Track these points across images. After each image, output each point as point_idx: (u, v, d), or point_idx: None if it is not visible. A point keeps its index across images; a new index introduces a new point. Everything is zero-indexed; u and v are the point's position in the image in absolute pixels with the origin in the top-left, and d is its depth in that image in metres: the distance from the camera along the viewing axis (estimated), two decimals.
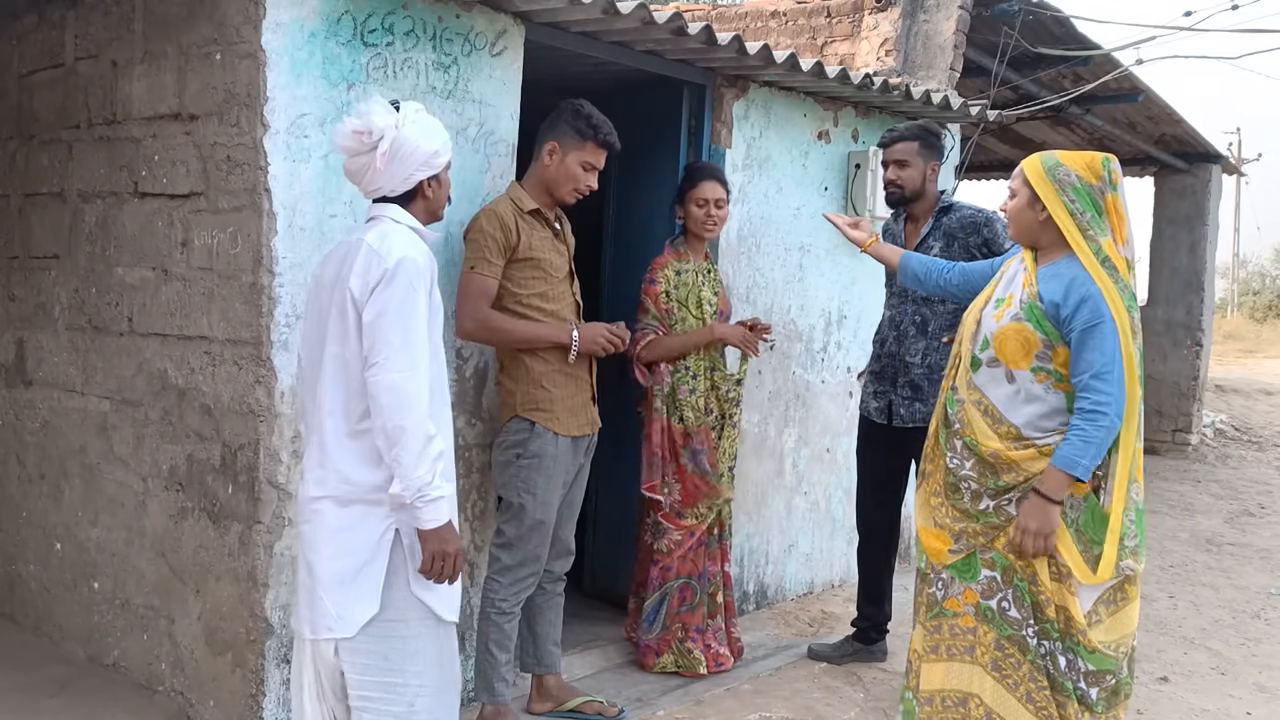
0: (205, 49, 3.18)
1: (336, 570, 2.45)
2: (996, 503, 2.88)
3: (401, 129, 2.47)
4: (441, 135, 2.57)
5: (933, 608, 3.00)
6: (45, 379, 3.97)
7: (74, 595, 3.87)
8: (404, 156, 2.49)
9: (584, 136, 3.38)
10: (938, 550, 2.98)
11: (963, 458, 2.93)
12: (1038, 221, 2.87)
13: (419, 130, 2.50)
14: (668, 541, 4.02)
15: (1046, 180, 2.84)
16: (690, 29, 3.86)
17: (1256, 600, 5.72)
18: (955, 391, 2.99)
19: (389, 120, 2.46)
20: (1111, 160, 2.86)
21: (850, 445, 5.36)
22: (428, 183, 2.57)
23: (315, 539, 2.49)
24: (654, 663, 4.09)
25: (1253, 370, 17.71)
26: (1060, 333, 2.79)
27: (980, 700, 2.88)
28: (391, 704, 2.48)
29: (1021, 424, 2.85)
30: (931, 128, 4.22)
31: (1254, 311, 30.85)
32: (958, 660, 2.93)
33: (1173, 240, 10.81)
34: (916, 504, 3.13)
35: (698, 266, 4.07)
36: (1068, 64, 7.46)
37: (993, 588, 2.89)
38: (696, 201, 4.00)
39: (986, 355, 2.90)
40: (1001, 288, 2.99)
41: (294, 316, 3.11)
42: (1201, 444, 10.89)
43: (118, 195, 3.58)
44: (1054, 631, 2.83)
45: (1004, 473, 2.85)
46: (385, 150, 2.46)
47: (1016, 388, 2.86)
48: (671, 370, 3.97)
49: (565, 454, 3.45)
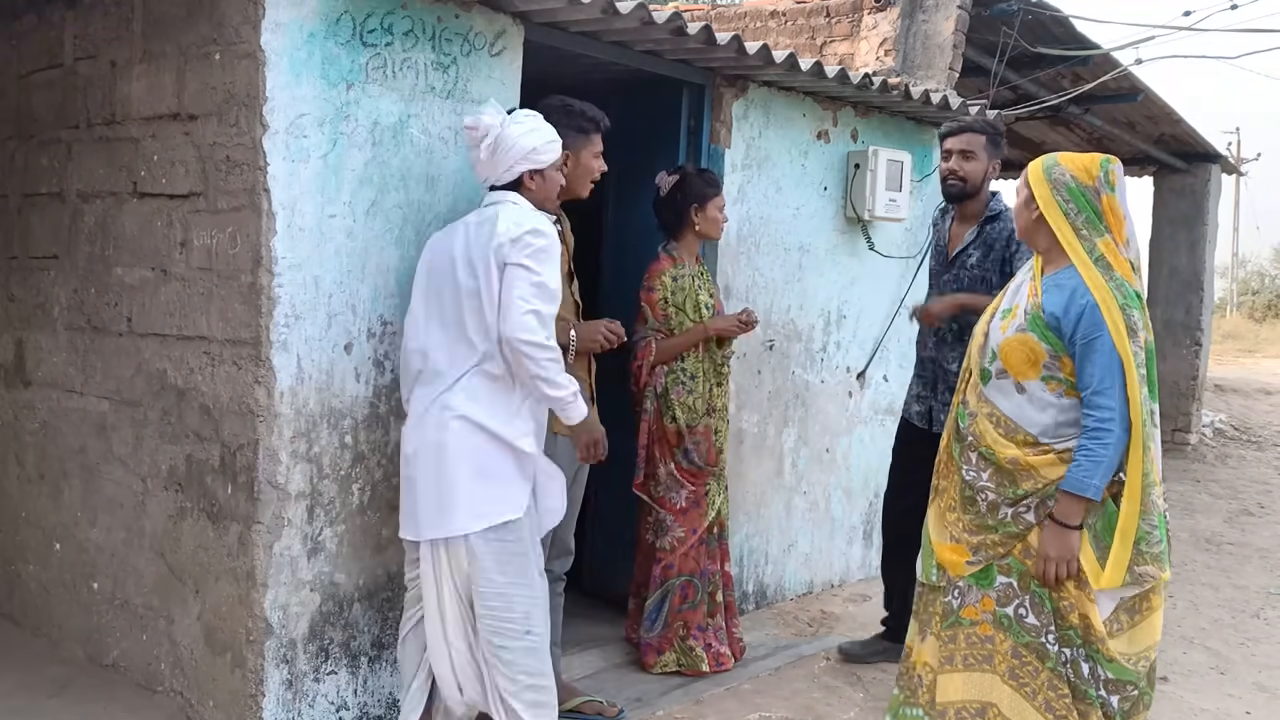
0: (204, 49, 3.18)
1: (474, 471, 2.98)
2: (1014, 510, 2.86)
3: (505, 128, 3.06)
4: (544, 138, 3.11)
5: (948, 617, 2.97)
6: (44, 379, 3.97)
7: (73, 595, 3.86)
8: (505, 150, 3.06)
9: (588, 131, 3.40)
10: (955, 563, 2.95)
11: (979, 469, 2.92)
12: (1032, 220, 2.90)
13: (521, 130, 3.08)
14: (670, 539, 4.03)
15: (1043, 180, 2.87)
16: (689, 29, 3.86)
17: (1256, 600, 5.73)
18: (966, 405, 2.99)
19: (495, 119, 3.06)
20: (1111, 162, 2.87)
21: (850, 445, 5.38)
22: (530, 175, 3.12)
23: (457, 447, 2.98)
24: (655, 661, 4.09)
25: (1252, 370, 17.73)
26: (1064, 343, 2.79)
27: (998, 710, 2.85)
28: (509, 612, 2.99)
29: (1038, 431, 2.84)
30: (998, 125, 4.07)
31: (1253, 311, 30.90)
32: (976, 670, 2.90)
33: (1172, 240, 10.81)
34: (930, 520, 3.09)
35: (693, 270, 4.09)
36: (1067, 64, 7.46)
37: (1009, 594, 2.87)
38: (719, 207, 4.09)
39: (995, 367, 2.90)
40: (1008, 298, 2.99)
41: (293, 316, 3.11)
42: (1201, 444, 10.90)
43: (117, 195, 3.58)
44: (1076, 638, 2.81)
45: (1022, 480, 2.84)
46: (490, 143, 3.06)
47: (1028, 397, 2.86)
48: (666, 371, 3.98)
49: (565, 454, 3.45)
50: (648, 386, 3.99)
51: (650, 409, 4.01)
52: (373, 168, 3.26)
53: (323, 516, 3.25)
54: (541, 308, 2.95)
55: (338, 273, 3.19)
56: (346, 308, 3.22)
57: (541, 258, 2.97)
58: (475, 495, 2.97)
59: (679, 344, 3.99)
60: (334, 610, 3.30)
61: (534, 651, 3.02)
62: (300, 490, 3.19)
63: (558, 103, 3.39)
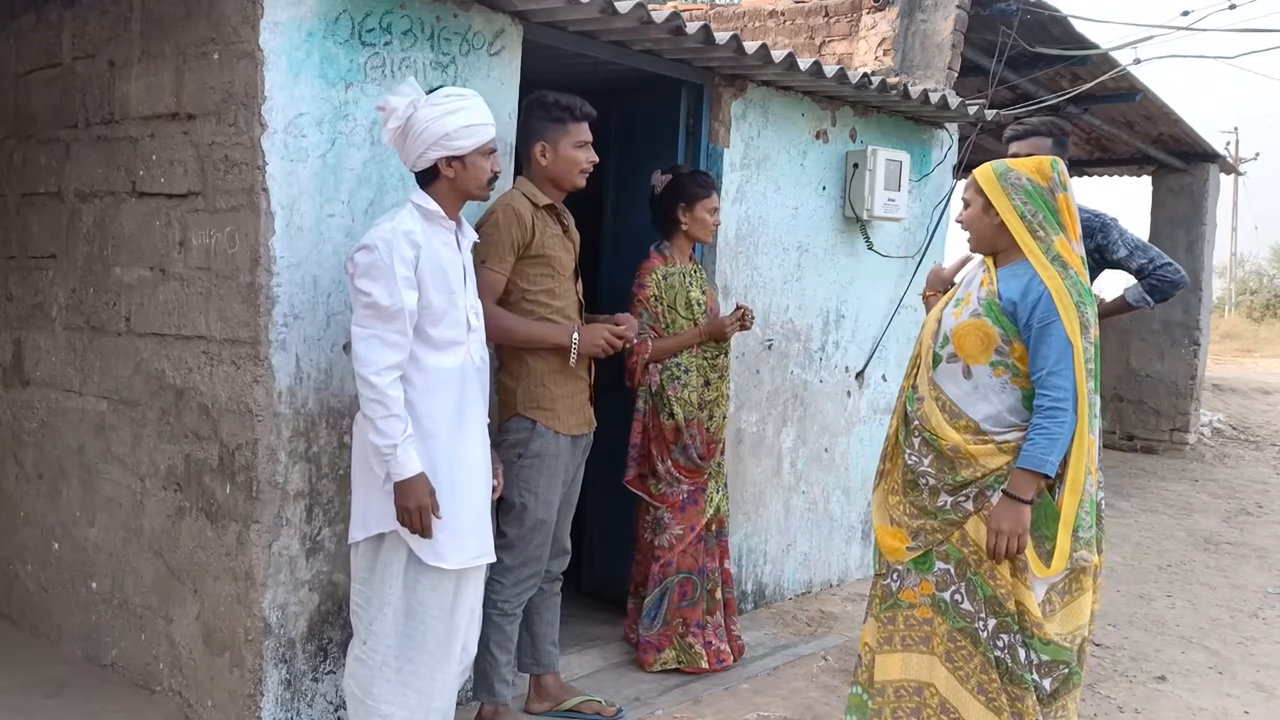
0: (203, 48, 3.17)
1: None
2: (954, 499, 2.93)
3: (418, 110, 2.81)
4: (460, 122, 2.84)
5: (887, 599, 3.04)
6: (43, 379, 3.97)
7: (72, 595, 3.86)
8: (416, 134, 2.83)
9: (562, 121, 3.38)
10: (895, 549, 3.02)
11: (921, 454, 2.98)
12: (993, 226, 2.97)
13: (434, 113, 2.82)
14: (669, 537, 4.04)
15: (998, 186, 2.94)
16: (688, 28, 3.86)
17: (1254, 599, 5.73)
18: (916, 390, 3.06)
19: (404, 101, 2.81)
20: (1059, 162, 2.97)
21: (848, 445, 5.38)
22: (447, 163, 2.87)
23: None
24: (655, 659, 4.09)
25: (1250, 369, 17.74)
26: (1017, 329, 2.87)
27: (935, 689, 2.93)
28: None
29: (980, 419, 2.91)
30: (1064, 125, 4.02)
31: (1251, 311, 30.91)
32: (914, 651, 2.98)
33: (1170, 239, 10.80)
34: (874, 503, 3.17)
35: (684, 269, 4.10)
36: (1066, 63, 7.46)
37: (946, 580, 2.94)
38: (708, 209, 4.07)
39: (946, 351, 2.97)
40: (961, 289, 3.08)
41: (292, 316, 3.11)
42: (1199, 443, 10.90)
43: (115, 195, 3.58)
44: (1014, 624, 2.87)
45: (962, 468, 2.90)
46: (395, 126, 2.84)
47: (974, 383, 2.92)
48: (661, 369, 3.99)
49: (565, 453, 3.45)
50: (641, 385, 4.00)
51: (645, 407, 4.02)
52: (371, 167, 3.26)
53: (321, 516, 3.25)
54: (380, 330, 2.75)
55: (336, 272, 3.19)
56: (345, 307, 3.22)
57: (373, 274, 2.75)
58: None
59: (673, 345, 4.00)
60: (333, 610, 3.30)
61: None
62: (299, 490, 3.19)
63: (535, 95, 3.39)
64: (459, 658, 3.03)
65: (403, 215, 2.85)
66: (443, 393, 2.89)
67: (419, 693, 2.94)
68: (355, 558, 2.98)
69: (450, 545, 2.90)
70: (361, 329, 2.77)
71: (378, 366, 2.75)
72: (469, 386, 2.97)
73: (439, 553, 2.89)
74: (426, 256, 2.83)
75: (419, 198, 2.91)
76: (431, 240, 2.87)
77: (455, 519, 2.90)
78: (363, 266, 2.77)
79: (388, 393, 2.75)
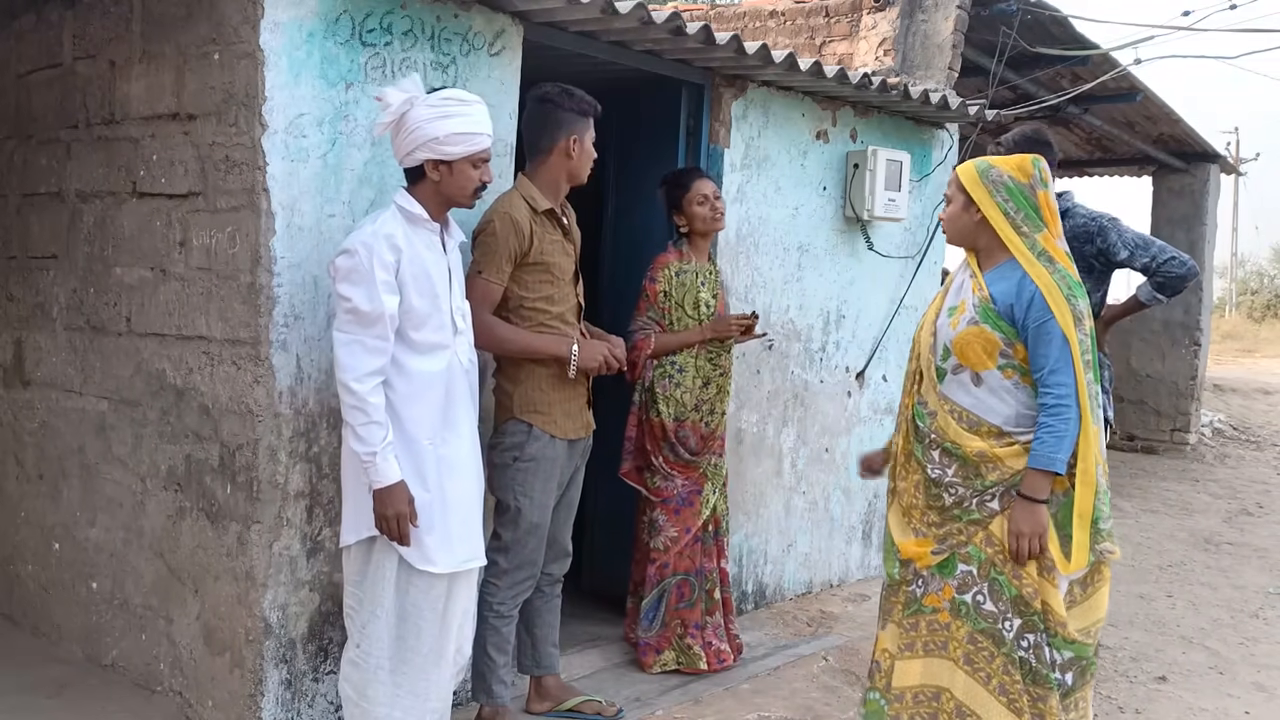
0: (203, 49, 3.17)
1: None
2: (979, 499, 2.93)
3: (414, 108, 2.78)
4: (454, 128, 2.81)
5: (910, 605, 3.03)
6: (43, 379, 3.97)
7: (72, 595, 3.86)
8: (407, 132, 2.81)
9: (587, 114, 3.39)
10: (921, 555, 3.01)
11: (944, 466, 2.96)
12: (974, 223, 2.97)
13: (429, 114, 2.79)
14: (664, 539, 4.04)
15: (980, 183, 2.94)
16: (689, 29, 3.86)
17: (1255, 599, 5.73)
18: (924, 405, 3.04)
19: (401, 96, 2.78)
20: (1040, 160, 2.98)
21: (849, 445, 5.37)
22: (434, 166, 2.84)
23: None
24: (654, 661, 4.09)
25: (1251, 370, 17.72)
26: (1016, 330, 2.88)
27: (952, 695, 2.92)
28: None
29: (1001, 421, 2.91)
30: (1040, 136, 4.05)
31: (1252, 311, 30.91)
32: (934, 656, 2.97)
33: (1171, 240, 10.68)
34: (891, 521, 3.14)
35: (699, 268, 4.08)
36: (1066, 63, 7.47)
37: (968, 582, 2.93)
38: (696, 201, 4.03)
39: (950, 364, 2.97)
40: (952, 296, 3.06)
41: (292, 316, 3.11)
42: (1200, 443, 10.90)
43: (116, 195, 3.58)
44: (1040, 624, 2.87)
45: (989, 472, 2.89)
46: (386, 120, 2.81)
47: (987, 389, 2.92)
48: (655, 365, 3.99)
49: (561, 457, 3.45)
50: (638, 379, 4.01)
51: (639, 402, 4.03)
52: (372, 167, 3.26)
53: (322, 516, 3.25)
54: (361, 335, 2.75)
55: None
56: None
57: (354, 279, 2.75)
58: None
59: (676, 342, 4.00)
60: (333, 610, 3.30)
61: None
62: (299, 490, 3.19)
63: (556, 88, 3.37)
64: (453, 660, 3.03)
65: (385, 218, 2.84)
66: (427, 396, 2.89)
67: (413, 694, 2.94)
68: (348, 561, 2.99)
69: (439, 549, 2.91)
70: (343, 334, 2.77)
71: (359, 372, 2.74)
72: (456, 389, 2.95)
73: (428, 556, 2.90)
74: (408, 260, 2.82)
75: (403, 199, 2.90)
76: (414, 243, 2.86)
77: (444, 523, 2.90)
78: (343, 271, 2.77)
79: (368, 399, 2.75)
